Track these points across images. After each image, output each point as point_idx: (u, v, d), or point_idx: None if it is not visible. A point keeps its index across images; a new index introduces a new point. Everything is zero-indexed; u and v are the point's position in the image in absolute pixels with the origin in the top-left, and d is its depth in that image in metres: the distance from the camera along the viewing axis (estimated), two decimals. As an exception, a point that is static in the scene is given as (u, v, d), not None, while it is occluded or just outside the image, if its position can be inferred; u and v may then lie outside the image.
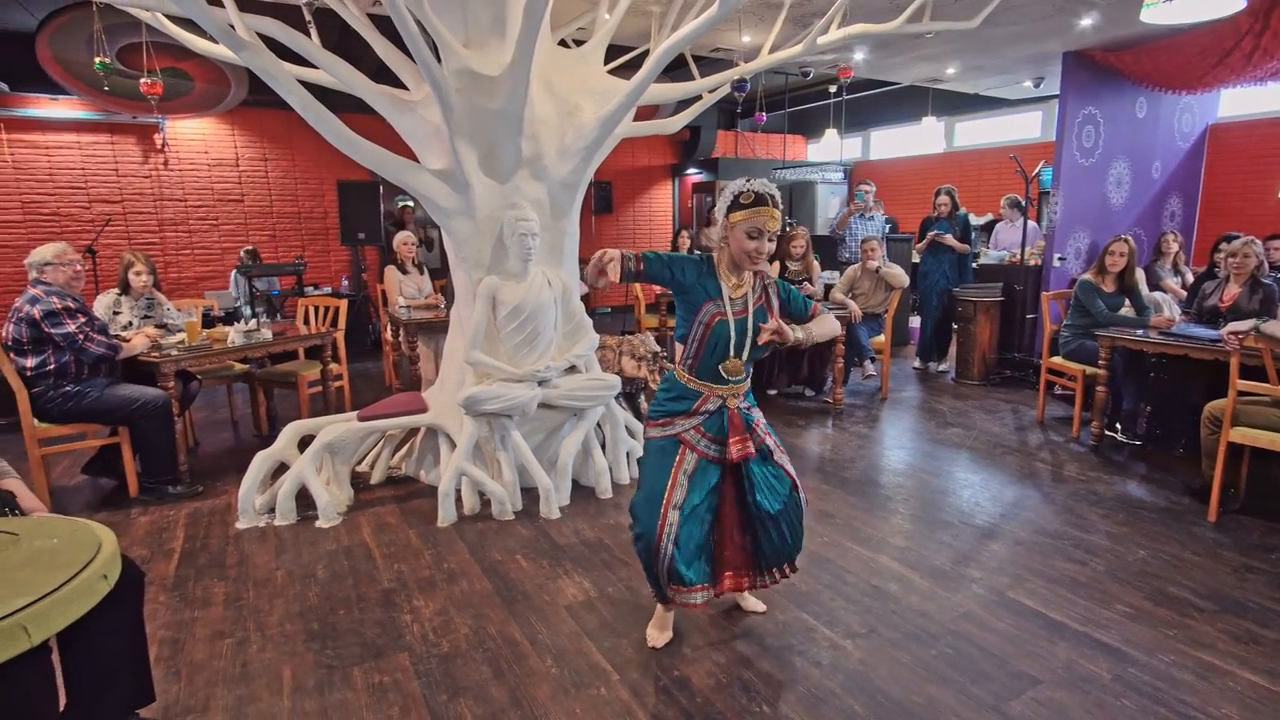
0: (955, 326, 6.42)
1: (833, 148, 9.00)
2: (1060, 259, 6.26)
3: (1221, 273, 4.58)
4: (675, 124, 4.68)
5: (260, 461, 3.56)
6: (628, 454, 4.00)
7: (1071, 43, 5.83)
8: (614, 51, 4.42)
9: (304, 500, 3.55)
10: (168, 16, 3.92)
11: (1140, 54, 5.77)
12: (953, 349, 6.68)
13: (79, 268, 3.74)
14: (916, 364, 6.91)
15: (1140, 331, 4.23)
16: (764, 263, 2.21)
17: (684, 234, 8.04)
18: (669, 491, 2.27)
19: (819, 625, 2.56)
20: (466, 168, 3.47)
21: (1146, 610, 2.65)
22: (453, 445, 3.69)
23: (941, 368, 6.71)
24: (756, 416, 2.38)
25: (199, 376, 4.52)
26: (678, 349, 2.33)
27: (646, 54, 4.59)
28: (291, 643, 2.51)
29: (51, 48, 5.82)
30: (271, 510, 3.54)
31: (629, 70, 3.93)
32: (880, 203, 7.67)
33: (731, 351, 2.22)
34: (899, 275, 5.72)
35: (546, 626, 2.59)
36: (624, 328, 7.52)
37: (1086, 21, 5.20)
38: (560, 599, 2.78)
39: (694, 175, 11.33)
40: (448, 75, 3.25)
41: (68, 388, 3.59)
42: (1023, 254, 6.18)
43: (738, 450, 2.25)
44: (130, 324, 4.29)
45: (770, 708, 2.13)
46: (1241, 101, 7.25)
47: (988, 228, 8.30)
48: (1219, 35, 5.13)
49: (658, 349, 4.47)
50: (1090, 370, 4.54)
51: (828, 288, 6.11)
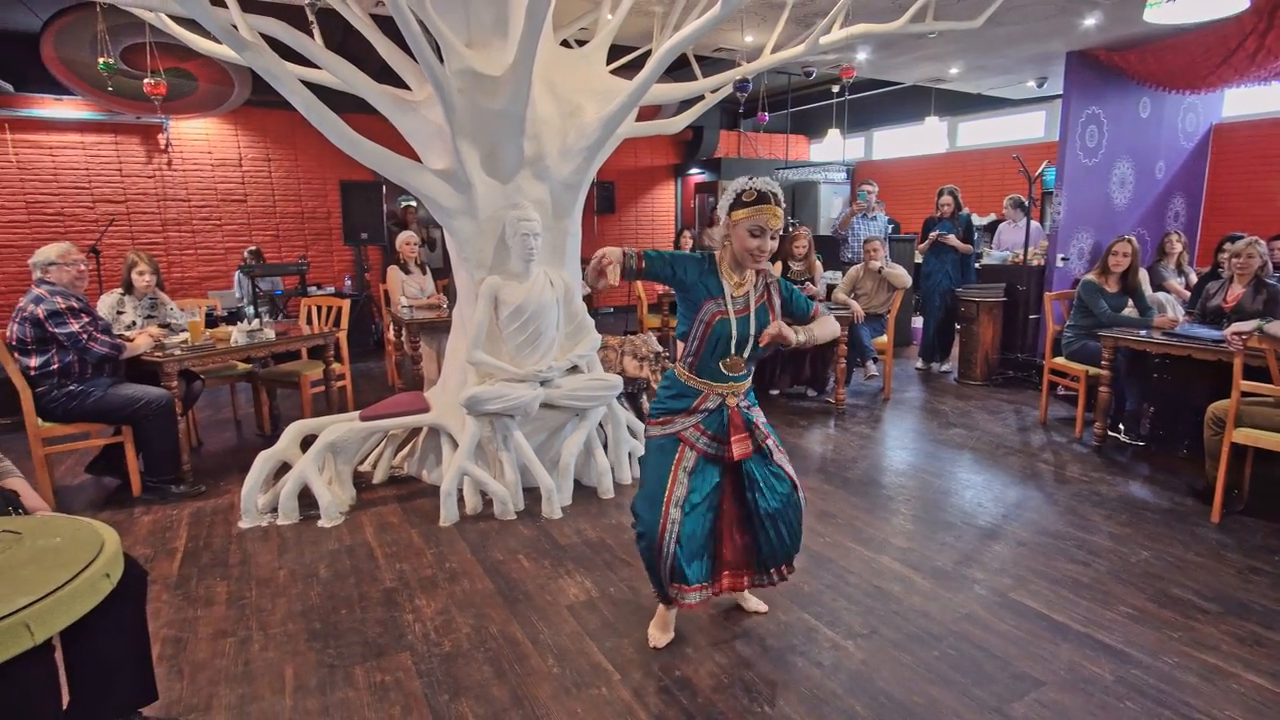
0: (958, 327, 6.41)
1: (835, 148, 8.99)
2: (1063, 259, 6.25)
3: (1225, 273, 4.56)
4: (677, 124, 4.68)
5: (263, 461, 3.56)
6: (629, 454, 4.00)
7: (1075, 42, 5.82)
8: (616, 52, 4.43)
9: (306, 500, 3.56)
10: (171, 17, 3.93)
11: (1144, 54, 5.75)
12: (955, 349, 6.67)
13: (83, 267, 3.75)
14: (919, 364, 6.90)
15: (1143, 332, 4.23)
16: (766, 261, 2.20)
17: (686, 234, 8.03)
18: (670, 489, 2.27)
19: (821, 626, 2.56)
20: (469, 168, 3.47)
21: (1150, 612, 2.64)
22: (455, 445, 3.69)
23: (944, 368, 6.70)
24: (757, 416, 2.38)
25: (202, 376, 4.53)
26: (679, 347, 2.33)
27: (649, 54, 4.57)
28: (294, 642, 2.51)
29: (56, 48, 5.83)
30: (274, 510, 3.55)
31: (631, 70, 3.94)
32: (883, 203, 7.65)
33: (733, 350, 2.22)
34: (901, 275, 5.71)
35: (548, 626, 2.59)
36: (626, 328, 7.52)
37: (1090, 21, 5.19)
38: (562, 599, 2.78)
39: (696, 175, 11.33)
40: (450, 75, 3.25)
41: (71, 387, 3.60)
42: (1026, 254, 6.16)
43: (738, 450, 2.25)
44: (134, 324, 4.30)
45: (771, 708, 2.13)
46: (1246, 101, 7.22)
47: (990, 228, 8.29)
48: (1223, 35, 5.12)
49: (660, 349, 4.47)
50: (1093, 371, 4.54)
51: (830, 288, 6.11)
